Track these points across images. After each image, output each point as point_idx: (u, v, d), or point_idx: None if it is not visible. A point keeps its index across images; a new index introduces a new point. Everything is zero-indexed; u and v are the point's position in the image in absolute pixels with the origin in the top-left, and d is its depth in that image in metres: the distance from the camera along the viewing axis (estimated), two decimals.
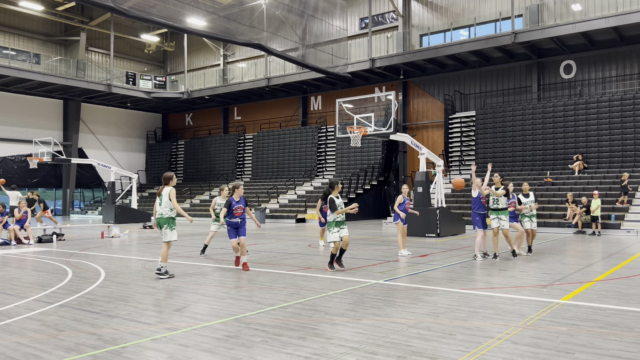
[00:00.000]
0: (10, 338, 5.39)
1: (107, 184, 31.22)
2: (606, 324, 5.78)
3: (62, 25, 37.70)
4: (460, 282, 8.54)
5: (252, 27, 29.91)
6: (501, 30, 26.78)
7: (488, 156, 26.63)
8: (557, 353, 4.73)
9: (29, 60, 33.29)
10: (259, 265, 10.70)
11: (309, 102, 36.08)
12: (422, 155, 18.29)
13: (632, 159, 22.72)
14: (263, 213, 26.76)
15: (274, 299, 7.19)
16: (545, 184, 22.76)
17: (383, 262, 11.07)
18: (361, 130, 17.11)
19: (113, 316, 6.28)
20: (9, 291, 8.00)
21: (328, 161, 33.69)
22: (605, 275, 9.14)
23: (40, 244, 15.72)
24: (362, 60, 30.01)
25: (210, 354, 4.80)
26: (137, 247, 14.77)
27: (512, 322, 5.87)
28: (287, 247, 14.43)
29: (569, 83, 26.09)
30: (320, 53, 31.38)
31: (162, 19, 25.31)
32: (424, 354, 4.74)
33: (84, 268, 10.45)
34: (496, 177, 11.97)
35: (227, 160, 38.28)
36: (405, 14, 30.88)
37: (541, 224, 19.43)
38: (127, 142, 41.82)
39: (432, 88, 30.45)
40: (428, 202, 17.82)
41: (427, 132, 30.61)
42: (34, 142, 29.18)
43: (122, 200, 33.12)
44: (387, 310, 6.46)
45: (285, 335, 5.39)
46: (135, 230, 21.82)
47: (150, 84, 38.08)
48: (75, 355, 4.79)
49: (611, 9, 24.00)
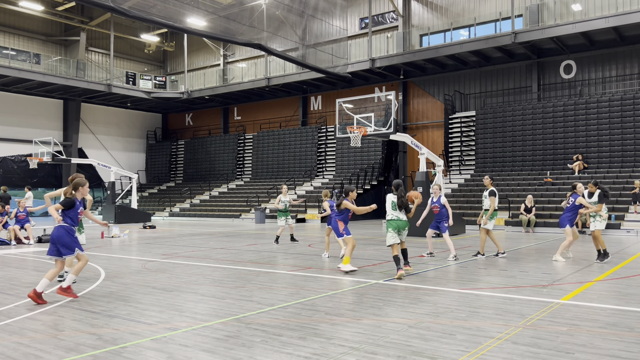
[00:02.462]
0: (10, 338, 5.39)
1: (107, 184, 31.23)
2: (606, 324, 5.78)
3: (62, 25, 37.69)
4: (460, 282, 8.54)
5: (252, 27, 29.91)
6: (501, 30, 26.78)
7: (488, 156, 26.65)
8: (557, 353, 4.73)
9: (29, 60, 33.29)
10: (259, 265, 10.70)
11: (309, 102, 36.08)
12: (422, 155, 18.29)
13: (632, 159, 22.72)
14: (263, 213, 26.77)
15: (274, 299, 7.19)
16: (545, 184, 22.76)
17: (383, 262, 11.07)
18: (361, 130, 17.11)
19: (113, 316, 6.28)
20: (9, 291, 8.00)
21: (328, 161, 33.69)
22: (605, 275, 9.14)
23: (40, 244, 15.72)
24: (362, 60, 30.01)
25: (210, 354, 4.80)
26: (137, 247, 14.77)
27: (512, 322, 5.87)
28: (287, 247, 14.43)
29: (569, 83, 26.10)
30: (320, 53, 31.39)
31: (162, 19, 25.32)
32: (424, 354, 4.73)
33: (84, 268, 10.44)
34: (486, 179, 11.91)
35: (227, 160, 38.28)
36: (405, 14, 30.88)
37: (541, 224, 19.47)
38: (127, 142, 41.83)
39: (432, 88, 30.45)
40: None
41: (427, 132, 30.61)
42: (34, 142, 29.18)
43: (122, 200, 33.13)
44: (387, 310, 6.46)
45: (285, 335, 5.39)
46: (135, 230, 21.82)
47: (150, 84, 38.08)
48: (75, 355, 4.79)
49: (611, 9, 24.00)
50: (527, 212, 19.57)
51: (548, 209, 20.53)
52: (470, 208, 22.54)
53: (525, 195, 20.85)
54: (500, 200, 22.15)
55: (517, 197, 21.88)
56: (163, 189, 39.28)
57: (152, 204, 35.60)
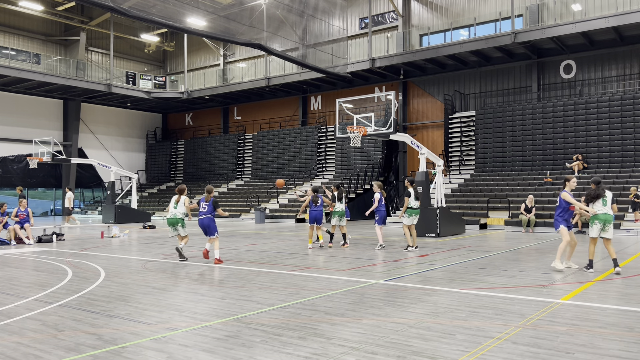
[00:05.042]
0: (10, 338, 5.39)
1: (107, 183, 31.21)
2: (606, 324, 5.78)
3: (62, 25, 37.69)
4: (460, 282, 8.54)
5: (252, 27, 29.90)
6: (501, 30, 26.77)
7: (488, 156, 26.65)
8: (557, 353, 4.73)
9: (28, 60, 33.28)
10: (259, 265, 10.70)
11: (309, 102, 36.08)
12: (422, 155, 18.28)
13: (632, 159, 22.71)
14: (263, 213, 26.76)
15: (273, 299, 7.19)
16: (545, 183, 22.76)
17: (383, 262, 11.07)
18: (361, 130, 17.09)
19: (113, 316, 6.28)
20: (9, 291, 8.00)
21: (328, 161, 33.69)
22: (605, 275, 9.14)
23: (40, 244, 15.72)
24: (362, 60, 30.01)
25: (210, 354, 4.80)
26: (137, 247, 14.77)
27: (512, 322, 5.87)
28: (287, 247, 14.43)
29: (569, 83, 26.09)
30: (320, 53, 31.38)
31: (162, 19, 25.30)
32: (424, 354, 4.74)
33: (84, 268, 10.45)
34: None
35: (227, 160, 38.28)
36: (405, 14, 30.88)
37: (541, 224, 19.46)
38: (127, 142, 41.82)
39: (432, 88, 30.45)
40: (428, 202, 17.82)
41: (427, 132, 30.61)
42: (34, 142, 29.17)
43: (122, 200, 33.12)
44: (387, 310, 6.46)
45: (285, 335, 5.39)
46: (135, 230, 21.81)
47: (150, 84, 38.08)
48: (75, 355, 4.79)
49: (611, 9, 24.00)
50: (528, 212, 19.56)
51: (548, 209, 20.51)
52: (471, 208, 22.54)
53: (526, 195, 20.84)
54: (500, 200, 22.22)
55: (517, 197, 21.87)
56: (163, 189, 39.28)
57: (152, 204, 35.60)
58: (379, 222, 13.70)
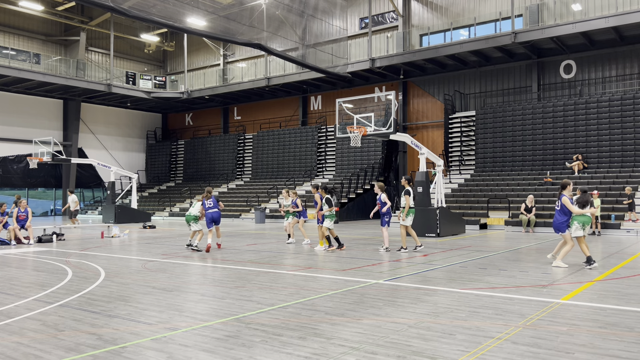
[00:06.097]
0: (10, 338, 5.39)
1: (107, 183, 31.21)
2: (606, 324, 5.78)
3: (62, 25, 37.69)
4: (460, 282, 8.54)
5: (252, 27, 29.90)
6: (501, 30, 26.78)
7: (488, 156, 26.65)
8: (557, 353, 4.73)
9: (29, 60, 33.29)
10: (259, 265, 10.70)
11: (309, 102, 36.08)
12: (422, 155, 18.27)
13: (632, 159, 22.72)
14: (263, 213, 26.76)
15: (274, 299, 7.19)
16: (545, 183, 22.76)
17: (383, 262, 11.07)
18: (361, 130, 17.08)
19: (113, 316, 6.28)
20: (9, 291, 8.00)
21: (328, 161, 33.69)
22: (605, 275, 9.14)
23: (40, 244, 15.72)
24: (362, 60, 30.01)
25: (210, 354, 4.80)
26: (137, 247, 14.77)
27: (512, 322, 5.87)
28: (287, 247, 14.43)
29: (569, 83, 26.10)
30: (320, 53, 31.38)
31: (162, 18, 25.30)
32: (424, 353, 4.74)
33: (84, 268, 10.45)
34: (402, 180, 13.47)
35: (227, 160, 38.28)
36: (405, 13, 30.88)
37: (541, 224, 19.46)
38: (127, 142, 41.83)
39: (432, 88, 30.46)
40: (428, 202, 17.83)
41: (427, 132, 30.61)
42: (34, 142, 29.17)
43: (122, 200, 33.11)
44: (387, 310, 6.46)
45: (285, 335, 5.39)
46: (135, 230, 21.82)
47: (150, 84, 38.08)
48: (75, 355, 4.79)
49: (611, 9, 23.99)
50: (528, 212, 19.56)
51: (548, 209, 20.51)
52: (471, 208, 22.54)
53: (526, 195, 20.84)
54: (500, 200, 22.22)
55: (517, 197, 21.87)
56: (163, 189, 39.28)
57: (152, 203, 35.60)
58: (387, 223, 13.32)
